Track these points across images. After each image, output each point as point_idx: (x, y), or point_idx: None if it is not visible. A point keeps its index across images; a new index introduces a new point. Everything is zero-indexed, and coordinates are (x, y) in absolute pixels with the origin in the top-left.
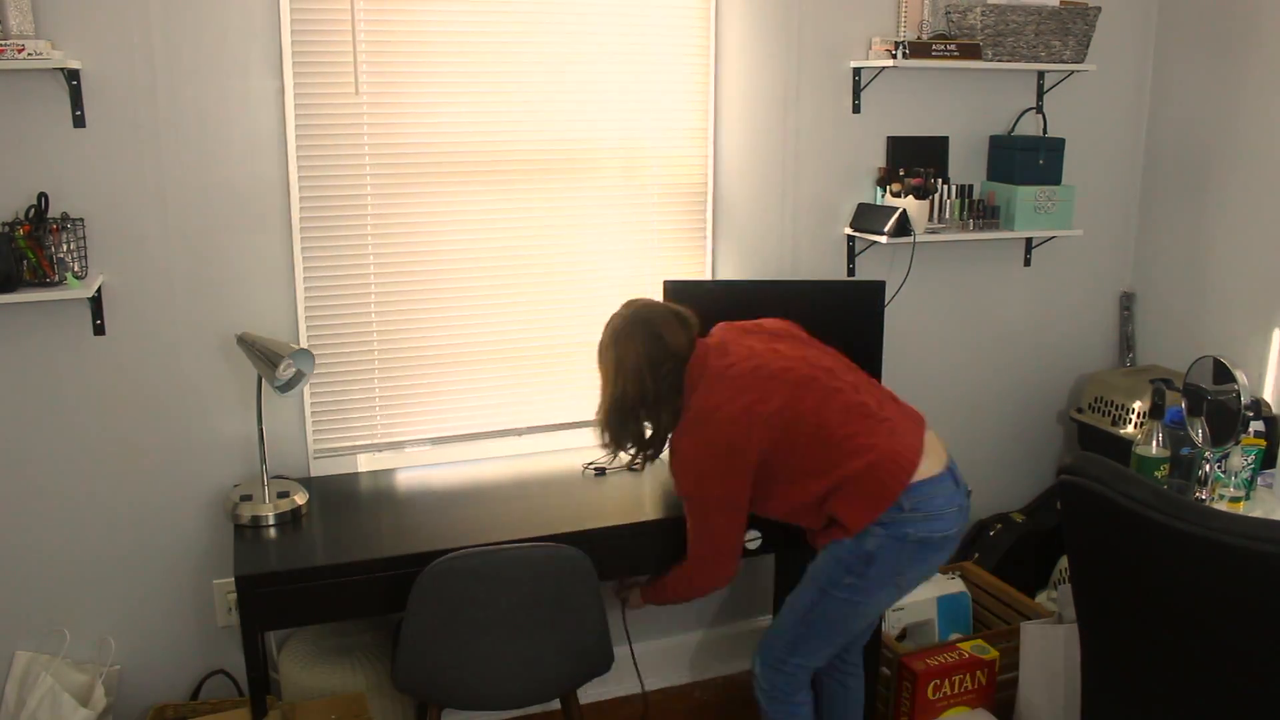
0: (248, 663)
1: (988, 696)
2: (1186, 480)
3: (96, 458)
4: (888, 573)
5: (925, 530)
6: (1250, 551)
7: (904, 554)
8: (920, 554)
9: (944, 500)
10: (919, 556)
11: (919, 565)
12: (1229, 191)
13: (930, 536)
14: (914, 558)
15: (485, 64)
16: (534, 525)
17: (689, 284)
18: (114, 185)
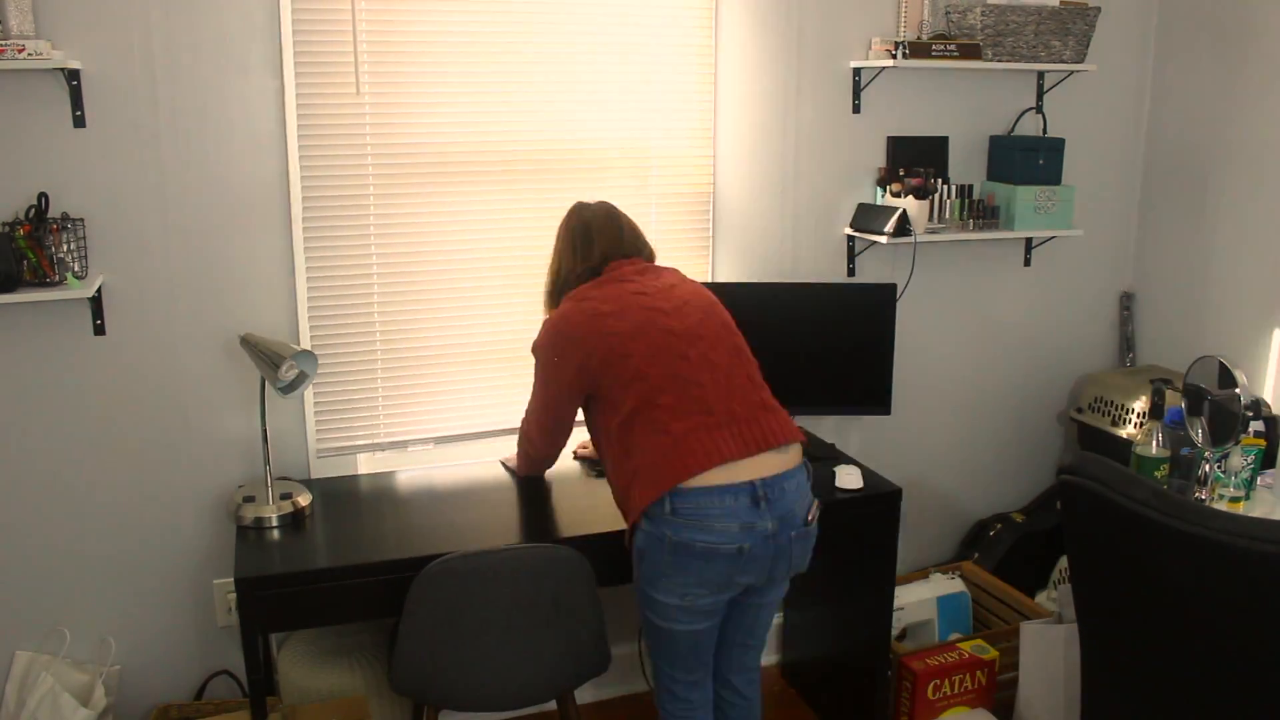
0: (247, 665)
1: (988, 696)
2: (1186, 480)
3: (97, 458)
4: (652, 574)
5: (686, 535)
6: (1250, 551)
7: (662, 556)
8: (679, 560)
9: (721, 513)
10: (677, 563)
11: (680, 572)
12: (1229, 191)
13: (690, 543)
14: (673, 563)
15: (487, 64)
16: (535, 527)
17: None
18: (114, 185)
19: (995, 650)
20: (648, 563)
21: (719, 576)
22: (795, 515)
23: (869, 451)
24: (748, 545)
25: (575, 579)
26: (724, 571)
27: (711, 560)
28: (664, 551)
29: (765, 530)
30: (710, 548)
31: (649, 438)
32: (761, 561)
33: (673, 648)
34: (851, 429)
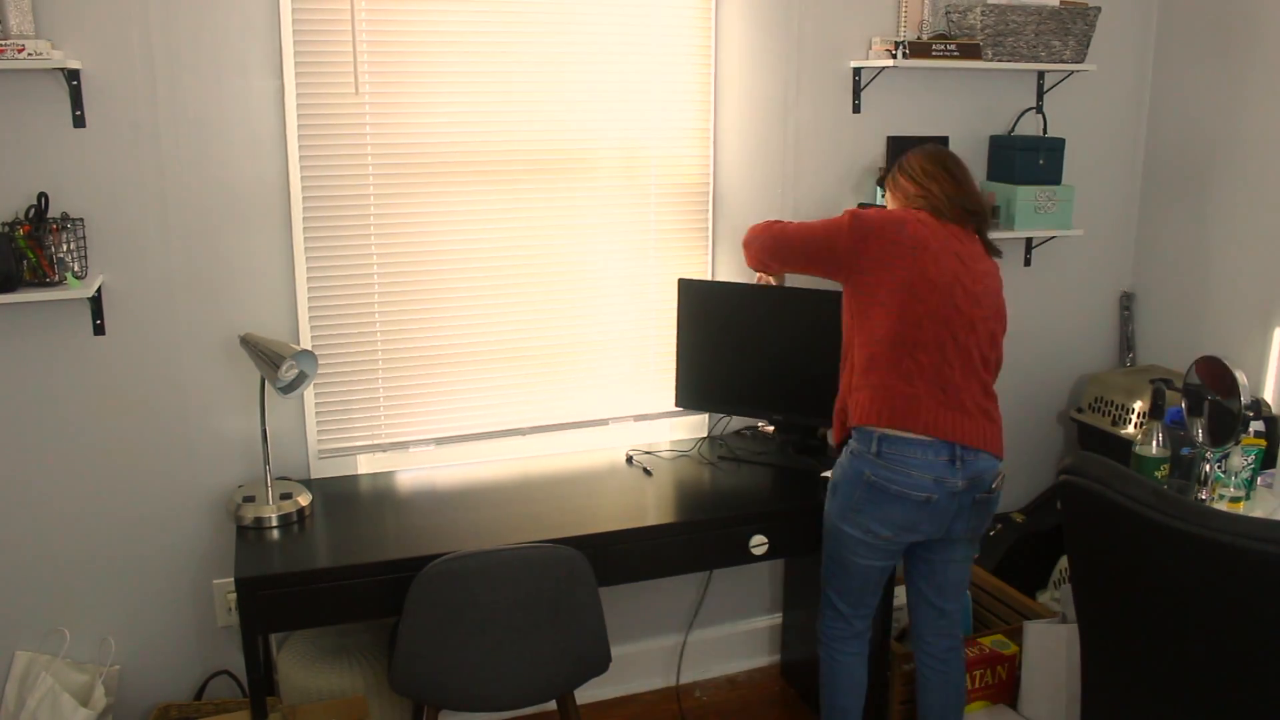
0: (248, 665)
1: (1007, 691)
2: (1186, 480)
3: (96, 458)
4: (845, 507)
5: (882, 477)
6: (1250, 551)
7: (858, 491)
8: (872, 497)
9: (920, 464)
10: (870, 499)
11: (872, 509)
12: (1229, 191)
13: (885, 485)
14: (866, 499)
15: (486, 64)
16: (535, 527)
17: (705, 284)
18: (114, 185)
19: (1015, 645)
20: (841, 495)
21: (903, 519)
22: (984, 480)
23: None
24: (935, 496)
25: (575, 579)
26: (910, 515)
27: (901, 503)
28: (859, 488)
29: (954, 488)
30: (903, 492)
31: (891, 375)
32: (944, 514)
33: (846, 579)
34: None
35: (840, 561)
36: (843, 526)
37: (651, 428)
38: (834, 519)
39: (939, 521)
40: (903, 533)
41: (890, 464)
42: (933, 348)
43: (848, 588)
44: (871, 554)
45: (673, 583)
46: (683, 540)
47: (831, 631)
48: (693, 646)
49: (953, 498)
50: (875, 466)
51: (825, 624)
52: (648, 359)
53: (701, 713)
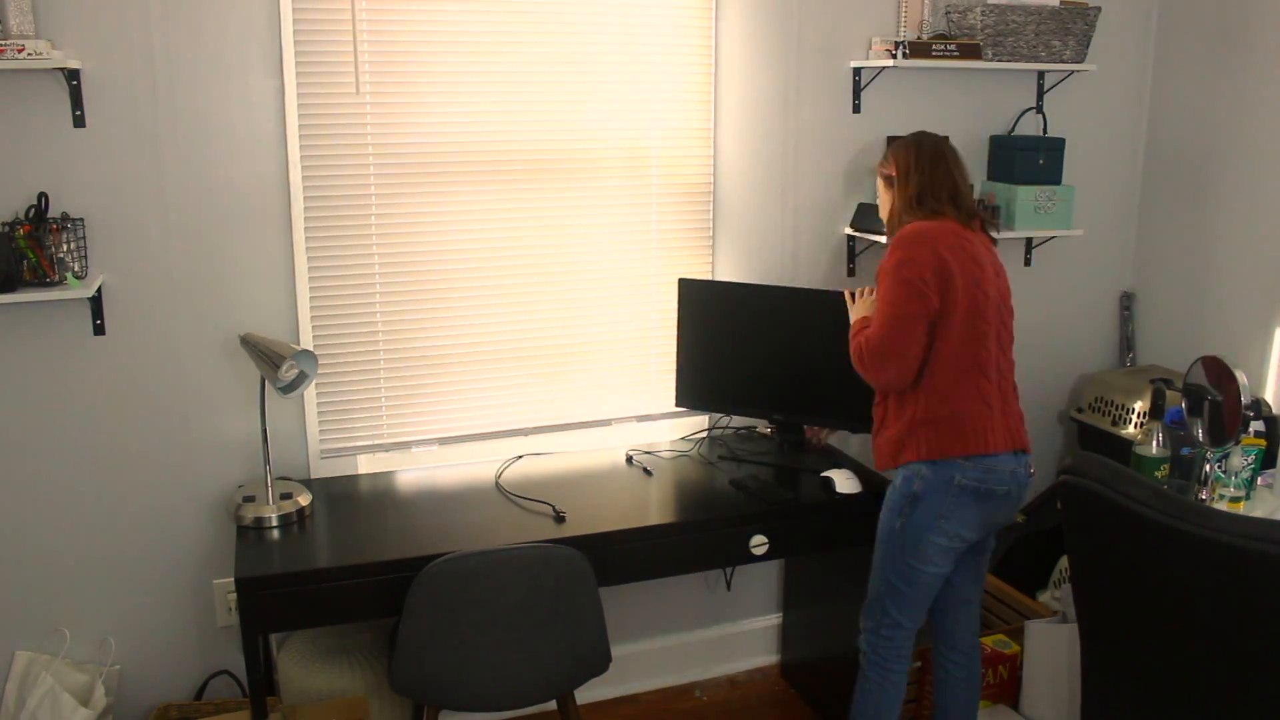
0: (248, 665)
1: (1009, 691)
2: (1186, 480)
3: (96, 458)
4: (934, 516)
5: (974, 478)
6: (1250, 551)
7: (948, 498)
8: (964, 500)
9: (999, 462)
10: (963, 502)
11: (963, 513)
12: (1229, 191)
13: (977, 485)
14: (959, 503)
15: (487, 64)
16: (536, 528)
17: (705, 283)
18: (114, 185)
19: (1017, 645)
20: (927, 505)
21: (989, 517)
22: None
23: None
24: (1014, 488)
25: (575, 579)
26: (994, 512)
27: (987, 501)
28: (949, 494)
29: (1022, 476)
30: (990, 490)
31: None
32: (1016, 502)
33: (913, 590)
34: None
35: (908, 575)
36: (930, 537)
37: (652, 428)
38: (918, 530)
39: (1010, 510)
40: (983, 531)
41: (979, 464)
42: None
43: (911, 598)
44: (946, 560)
45: (673, 583)
46: (683, 540)
47: (889, 649)
48: (694, 646)
49: (1022, 486)
50: (964, 469)
51: (880, 642)
52: (649, 359)
53: (701, 713)
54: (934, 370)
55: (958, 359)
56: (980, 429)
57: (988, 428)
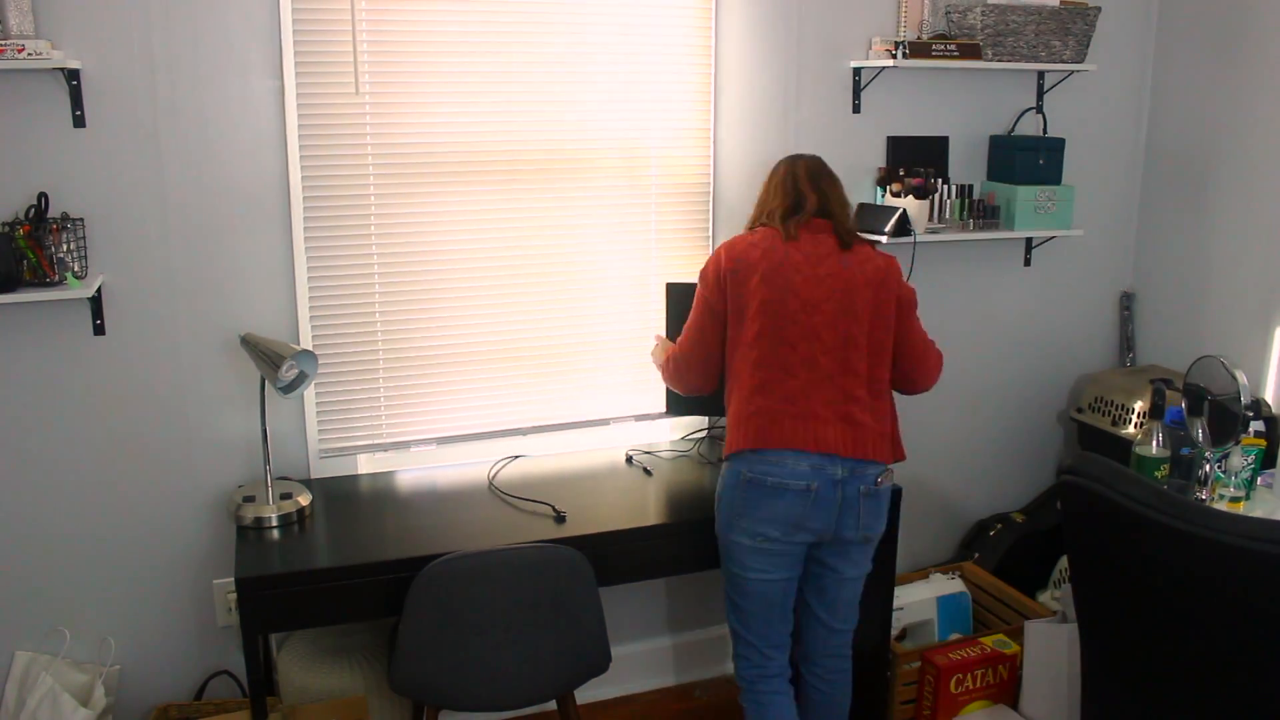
0: (248, 665)
1: (1008, 691)
2: (1186, 480)
3: (96, 458)
4: (730, 514)
5: (759, 471)
6: (1250, 551)
7: (738, 493)
8: (752, 495)
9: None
10: (752, 498)
11: (754, 509)
12: (1229, 191)
13: (762, 478)
14: (748, 498)
15: (487, 64)
16: (536, 528)
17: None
18: (114, 185)
19: (1017, 645)
20: (724, 504)
21: (788, 513)
22: (866, 473)
23: None
24: (815, 484)
25: (575, 579)
26: (794, 509)
27: (782, 496)
28: (739, 489)
29: (834, 475)
30: (781, 483)
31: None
32: (829, 506)
33: (745, 600)
34: None
35: (736, 584)
36: (731, 536)
37: (651, 428)
38: (722, 532)
39: (826, 514)
40: (791, 530)
41: (765, 458)
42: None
43: (749, 611)
44: (765, 562)
45: (673, 583)
46: (683, 540)
47: (748, 672)
48: (694, 646)
49: (836, 486)
50: (751, 463)
51: (740, 666)
52: (648, 359)
53: (701, 713)
54: (733, 370)
55: (760, 359)
56: (772, 424)
57: (781, 424)
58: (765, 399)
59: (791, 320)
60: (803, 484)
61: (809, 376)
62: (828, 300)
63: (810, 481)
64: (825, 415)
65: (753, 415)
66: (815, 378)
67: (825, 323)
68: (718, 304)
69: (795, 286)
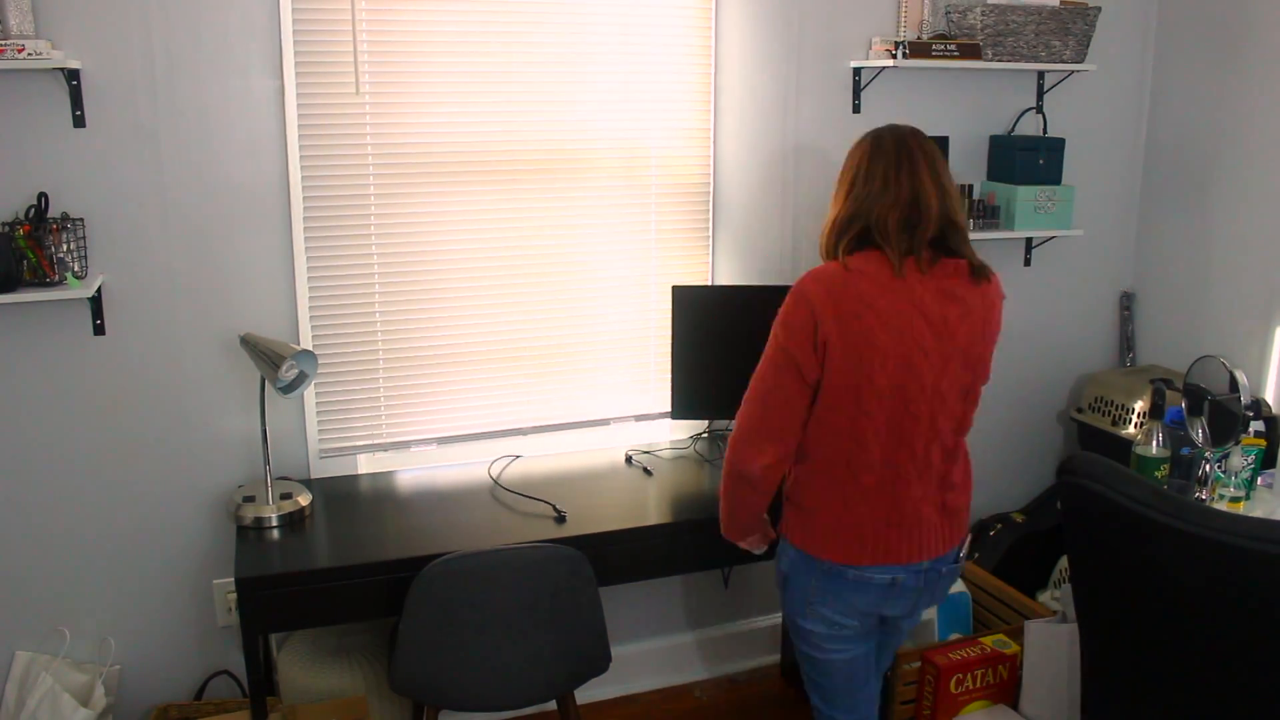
0: (248, 665)
1: (1008, 691)
2: (1186, 480)
3: (96, 458)
4: (801, 600)
5: (840, 567)
6: (1250, 551)
7: (813, 580)
8: (829, 585)
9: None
10: (828, 587)
11: (830, 598)
12: (1229, 191)
13: (842, 570)
14: (823, 587)
15: (486, 64)
16: (536, 528)
17: (700, 289)
18: (114, 185)
19: (1017, 645)
20: (794, 587)
21: (867, 605)
22: (949, 554)
23: None
24: (901, 578)
25: (575, 579)
26: (874, 601)
27: (861, 589)
28: (814, 575)
29: (920, 567)
30: (862, 578)
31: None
32: (911, 594)
33: (827, 679)
34: None
35: (814, 662)
36: (803, 623)
37: (651, 428)
38: (792, 615)
39: (906, 601)
40: (868, 619)
41: None
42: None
43: (831, 688)
44: (843, 645)
45: (673, 583)
46: (683, 540)
47: None
48: (694, 646)
49: (920, 575)
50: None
51: None
52: (648, 359)
53: (701, 713)
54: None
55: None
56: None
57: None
58: (869, 508)
59: (913, 415)
60: (887, 579)
61: (917, 473)
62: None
63: (895, 576)
64: (927, 516)
65: (852, 527)
66: (924, 474)
67: (946, 413)
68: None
69: (919, 370)
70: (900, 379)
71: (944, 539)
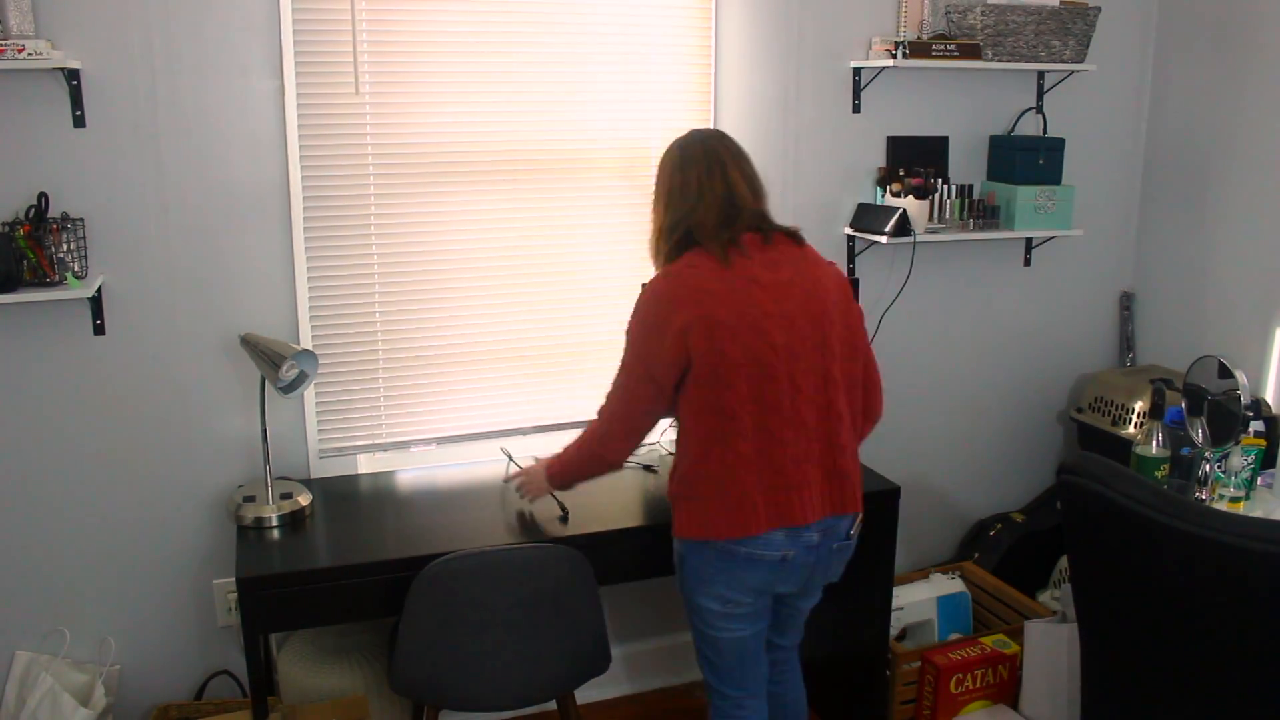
0: (249, 665)
1: (1008, 691)
2: (1186, 480)
3: (96, 458)
4: (697, 578)
5: (733, 545)
6: (1250, 551)
7: (706, 558)
8: (722, 564)
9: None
10: (721, 565)
11: (724, 576)
12: (1229, 191)
13: (733, 549)
14: (717, 566)
15: (486, 64)
16: (536, 527)
17: None
18: (114, 185)
19: (1016, 645)
20: (690, 566)
21: (760, 583)
22: (839, 528)
23: (868, 450)
24: (791, 553)
25: (575, 579)
26: (765, 578)
27: (753, 567)
28: (708, 554)
29: (810, 541)
30: (752, 555)
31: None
32: (802, 570)
33: (719, 656)
34: None
35: (709, 640)
36: (698, 600)
37: None
38: (688, 593)
39: (798, 576)
40: (762, 596)
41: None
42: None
43: (724, 666)
44: (736, 623)
45: (672, 583)
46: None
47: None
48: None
49: (811, 550)
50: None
51: (714, 714)
52: None
53: (701, 712)
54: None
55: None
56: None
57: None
58: (753, 475)
59: (771, 376)
60: (777, 555)
61: (793, 435)
62: (800, 339)
63: (785, 551)
64: (814, 478)
65: (738, 497)
66: (800, 434)
67: (805, 368)
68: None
69: (767, 332)
70: (753, 347)
71: (831, 502)
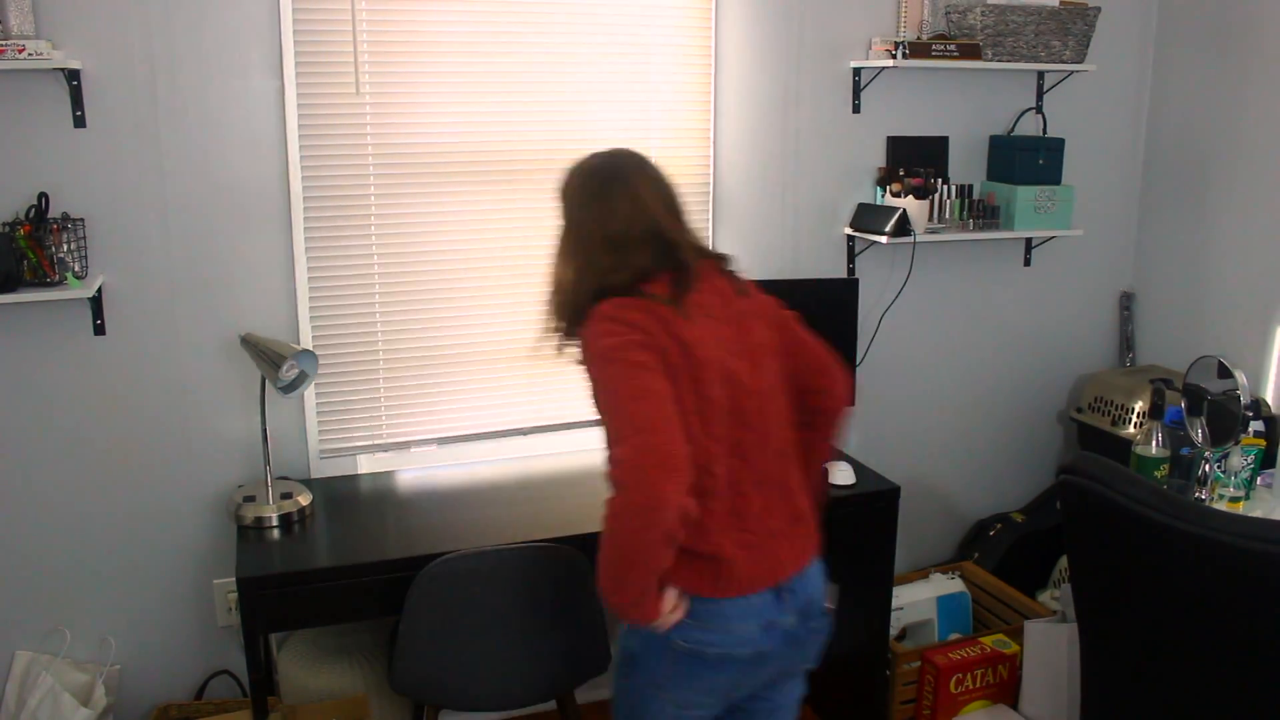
0: (249, 665)
1: (1008, 691)
2: (1186, 480)
3: (97, 458)
4: (649, 685)
5: (697, 638)
6: (1250, 551)
7: (665, 664)
8: (688, 669)
9: (743, 612)
10: (685, 671)
11: (688, 681)
12: (1229, 191)
13: (702, 650)
14: (680, 672)
15: (487, 64)
16: (536, 527)
17: None
18: (114, 185)
19: (1016, 645)
20: (642, 671)
21: (729, 683)
22: (815, 604)
23: (867, 450)
24: (767, 647)
25: (575, 579)
26: (736, 677)
27: (723, 668)
28: (666, 660)
29: (786, 626)
30: (724, 654)
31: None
32: (778, 661)
33: None
34: (851, 428)
35: None
36: (647, 703)
37: None
38: (631, 698)
39: (771, 671)
40: (728, 697)
41: (704, 621)
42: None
43: None
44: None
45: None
46: None
47: None
48: None
49: (787, 637)
50: (685, 628)
51: None
52: None
53: None
54: None
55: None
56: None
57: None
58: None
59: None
60: (750, 651)
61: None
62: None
63: (761, 646)
64: (777, 527)
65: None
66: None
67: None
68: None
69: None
70: (729, 390)
71: (797, 550)
